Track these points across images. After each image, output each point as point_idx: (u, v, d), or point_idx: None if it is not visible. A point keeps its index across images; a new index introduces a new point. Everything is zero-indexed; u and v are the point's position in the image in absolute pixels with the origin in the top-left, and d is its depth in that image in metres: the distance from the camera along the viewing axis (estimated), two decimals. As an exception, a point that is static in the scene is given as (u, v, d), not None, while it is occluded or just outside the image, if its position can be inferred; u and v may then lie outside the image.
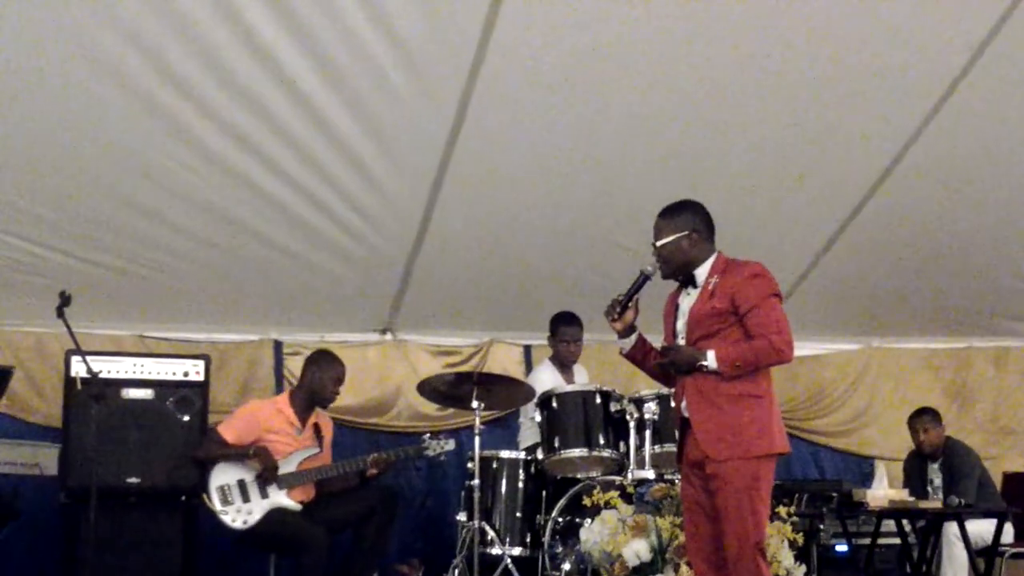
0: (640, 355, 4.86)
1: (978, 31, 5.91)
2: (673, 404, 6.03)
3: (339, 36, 5.45)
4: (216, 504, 6.18)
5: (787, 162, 6.73)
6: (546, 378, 7.03)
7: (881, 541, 7.27)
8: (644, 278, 4.75)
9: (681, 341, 4.67)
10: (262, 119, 5.83)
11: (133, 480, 6.41)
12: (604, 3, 5.60)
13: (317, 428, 6.58)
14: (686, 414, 4.64)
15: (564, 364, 7.22)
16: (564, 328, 7.14)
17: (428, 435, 6.71)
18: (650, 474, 6.02)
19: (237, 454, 6.27)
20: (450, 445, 6.64)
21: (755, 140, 6.52)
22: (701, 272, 4.68)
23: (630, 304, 4.76)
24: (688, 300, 4.70)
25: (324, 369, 6.59)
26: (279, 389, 7.35)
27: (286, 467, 6.32)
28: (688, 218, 4.71)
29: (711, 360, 4.51)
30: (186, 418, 6.58)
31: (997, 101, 6.37)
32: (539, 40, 5.69)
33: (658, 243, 4.71)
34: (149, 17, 5.24)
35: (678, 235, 4.68)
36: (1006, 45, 5.94)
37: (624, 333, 4.81)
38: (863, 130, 6.53)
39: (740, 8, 5.66)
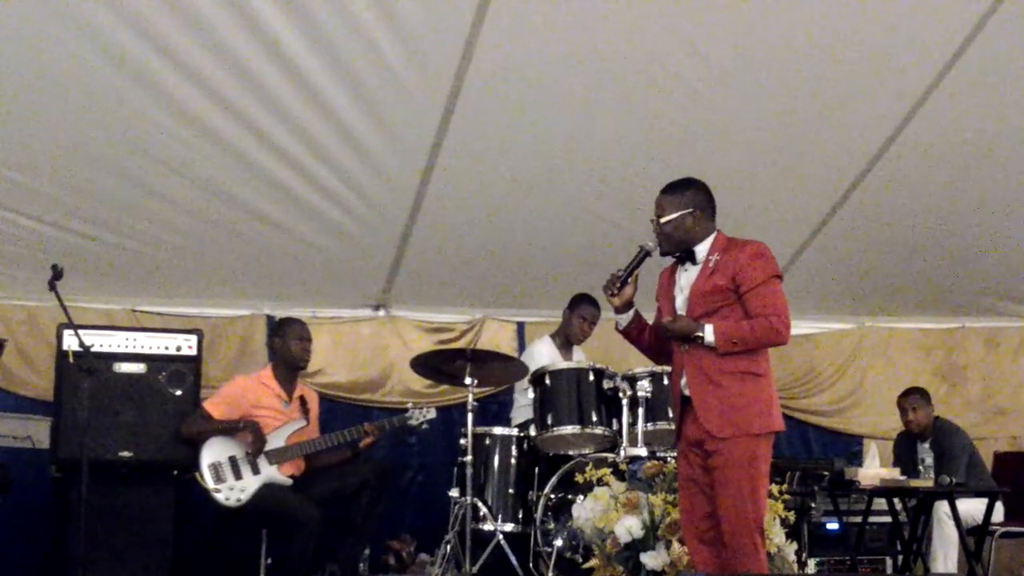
0: (636, 331, 4.86)
1: (971, 15, 5.91)
2: (667, 382, 6.16)
3: (335, 12, 5.44)
4: (209, 482, 6.17)
5: (781, 142, 6.73)
6: (544, 351, 7.05)
7: (872, 519, 7.28)
8: (644, 253, 4.75)
9: None
10: (257, 94, 5.81)
11: (125, 454, 6.39)
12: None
13: (303, 400, 6.58)
14: (686, 392, 4.64)
15: (568, 342, 7.21)
16: (587, 307, 7.12)
17: (411, 404, 6.75)
18: (642, 451, 6.04)
19: (227, 428, 6.27)
20: (431, 414, 6.72)
21: (749, 119, 6.51)
22: (701, 249, 4.68)
23: (629, 280, 4.76)
24: (688, 277, 4.70)
25: (285, 334, 6.61)
26: (272, 365, 7.36)
27: (275, 441, 6.32)
28: (692, 196, 4.70)
29: (708, 334, 4.52)
30: (178, 392, 6.56)
31: (990, 84, 6.37)
32: (535, 18, 5.67)
33: (661, 219, 4.69)
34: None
35: (681, 212, 4.67)
36: (999, 29, 5.94)
37: (622, 309, 4.81)
38: (857, 111, 6.53)
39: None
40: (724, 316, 4.56)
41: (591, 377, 6.34)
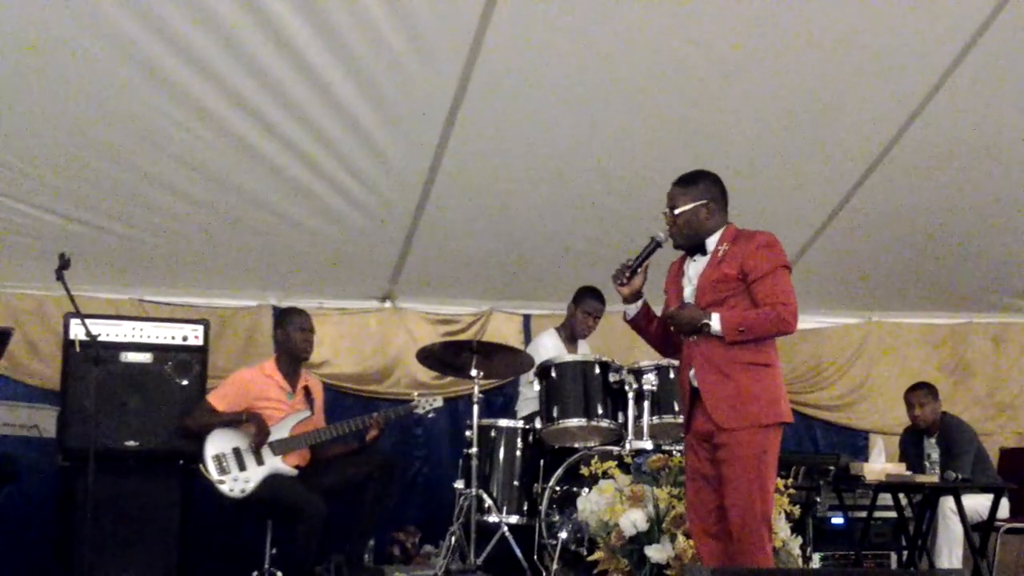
0: (644, 322, 4.85)
1: (978, 12, 5.90)
2: (673, 375, 6.16)
3: (344, 6, 5.43)
4: (213, 474, 6.16)
5: (789, 137, 6.71)
6: (550, 344, 7.06)
7: (877, 515, 7.29)
8: (655, 244, 4.73)
9: None
10: (264, 85, 5.80)
11: (131, 443, 6.41)
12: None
13: (307, 391, 6.57)
14: (695, 383, 4.62)
15: (573, 336, 7.21)
16: (591, 301, 7.14)
17: (417, 394, 6.75)
18: (648, 444, 6.03)
19: (230, 420, 6.26)
20: (438, 402, 6.70)
21: (757, 114, 6.50)
22: (711, 241, 4.67)
23: (639, 270, 4.75)
24: (696, 267, 4.69)
25: (287, 325, 6.58)
26: (278, 355, 7.36)
27: (279, 432, 6.31)
28: (705, 187, 4.70)
29: (715, 322, 4.50)
30: (185, 382, 6.58)
31: (996, 80, 6.35)
32: (543, 11, 5.66)
33: (675, 211, 4.67)
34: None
35: (695, 204, 4.66)
36: (1004, 28, 5.93)
37: (630, 299, 4.80)
38: (864, 108, 6.51)
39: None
40: (732, 306, 4.54)
41: (597, 370, 6.33)
